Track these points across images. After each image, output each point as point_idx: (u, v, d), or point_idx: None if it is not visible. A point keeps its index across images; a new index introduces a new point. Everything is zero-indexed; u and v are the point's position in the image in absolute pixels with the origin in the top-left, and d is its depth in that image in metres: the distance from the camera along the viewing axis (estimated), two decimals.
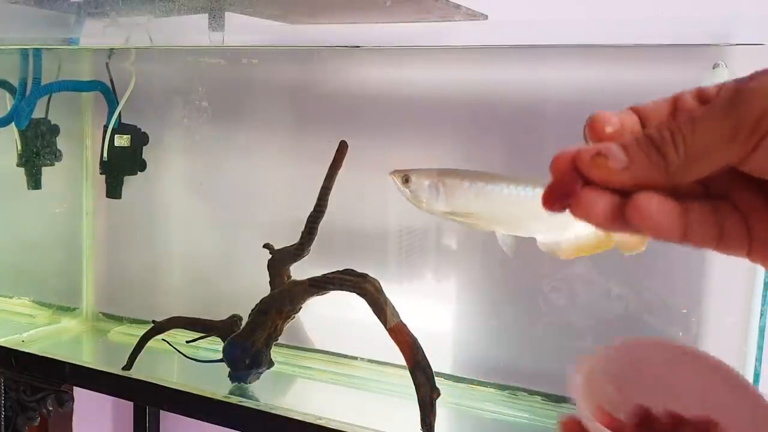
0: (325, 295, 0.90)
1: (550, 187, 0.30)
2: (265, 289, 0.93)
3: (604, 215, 0.29)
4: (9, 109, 1.13)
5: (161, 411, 1.34)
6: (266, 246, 0.92)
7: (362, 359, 1.04)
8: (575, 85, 0.90)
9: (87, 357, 1.17)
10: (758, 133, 0.26)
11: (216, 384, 0.94)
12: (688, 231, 0.29)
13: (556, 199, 0.30)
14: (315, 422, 0.85)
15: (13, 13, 1.05)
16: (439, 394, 0.82)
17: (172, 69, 1.17)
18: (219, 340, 0.96)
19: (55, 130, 1.19)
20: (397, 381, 0.97)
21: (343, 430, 0.84)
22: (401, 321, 0.83)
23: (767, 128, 0.26)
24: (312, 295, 0.91)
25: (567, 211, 0.30)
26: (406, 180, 0.78)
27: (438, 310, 1.01)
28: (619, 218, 0.28)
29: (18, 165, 1.17)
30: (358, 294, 0.85)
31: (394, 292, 0.88)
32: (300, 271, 0.93)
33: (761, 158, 0.26)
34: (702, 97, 0.31)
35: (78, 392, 1.11)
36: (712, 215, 0.29)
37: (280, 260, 0.92)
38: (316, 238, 0.90)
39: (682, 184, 0.28)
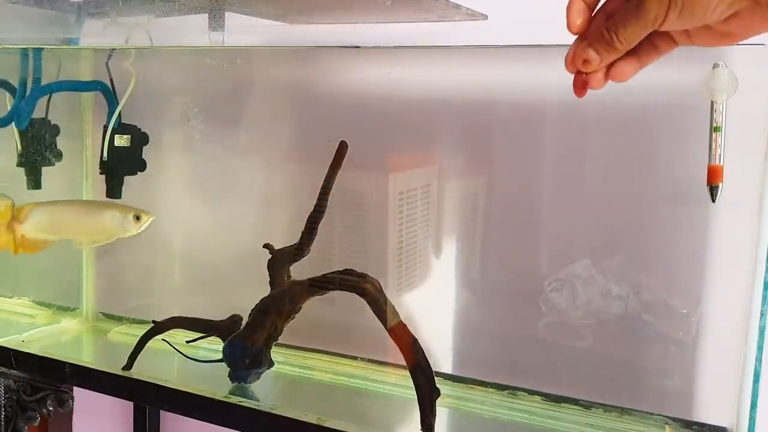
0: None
1: (574, 82, 0.55)
2: (265, 289, 0.93)
3: (603, 82, 0.54)
4: (9, 109, 1.13)
5: (161, 411, 1.34)
6: (266, 246, 0.93)
7: (362, 359, 1.04)
8: None
9: (87, 357, 1.17)
10: (657, 24, 0.48)
11: (216, 384, 0.94)
12: (642, 65, 0.54)
13: (580, 88, 0.55)
14: (315, 422, 0.85)
15: (13, 13, 1.05)
16: (439, 394, 0.81)
17: (172, 69, 1.17)
18: (219, 340, 0.96)
19: (55, 130, 1.19)
20: (397, 381, 0.97)
21: (343, 430, 0.84)
22: (401, 321, 0.83)
23: (660, 21, 0.48)
24: (312, 295, 0.91)
25: None
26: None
27: (438, 310, 1.01)
28: (607, 78, 0.54)
29: (18, 165, 1.17)
30: (358, 294, 0.85)
31: (393, 292, 0.88)
32: (300, 271, 0.93)
33: (661, 31, 0.50)
34: None
35: (78, 392, 1.11)
36: (647, 50, 0.53)
37: (280, 260, 0.92)
38: (315, 238, 0.90)
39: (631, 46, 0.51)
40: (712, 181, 0.77)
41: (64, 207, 1.12)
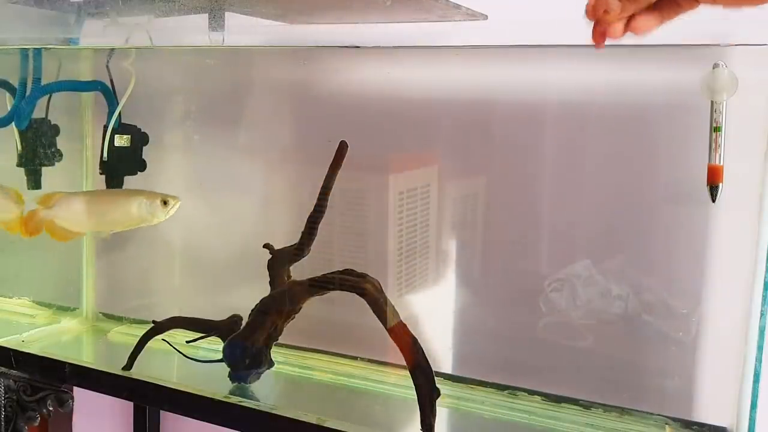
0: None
1: (594, 31, 0.54)
2: (265, 289, 0.93)
3: (621, 33, 0.53)
4: (9, 109, 1.13)
5: (161, 411, 1.34)
6: (266, 246, 0.93)
7: (362, 359, 1.04)
8: (575, 85, 0.90)
9: (87, 357, 1.17)
10: None
11: (216, 384, 0.94)
12: (662, 20, 0.54)
13: (599, 37, 0.54)
14: (315, 422, 0.85)
15: (13, 13, 1.05)
16: (439, 394, 0.81)
17: (172, 69, 1.17)
18: (219, 340, 0.96)
19: (55, 130, 1.19)
20: (397, 381, 0.97)
21: (343, 430, 0.84)
22: (401, 321, 0.83)
23: None
24: (312, 295, 0.91)
25: None
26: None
27: (438, 310, 1.01)
28: (626, 30, 0.54)
29: (18, 165, 1.17)
30: (358, 294, 0.85)
31: (393, 292, 0.88)
32: (300, 271, 0.93)
33: None
34: None
35: (78, 392, 1.11)
36: (669, 6, 0.54)
37: (280, 260, 0.92)
38: (315, 238, 0.90)
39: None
40: (712, 181, 0.77)
41: (91, 196, 1.12)
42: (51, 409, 1.10)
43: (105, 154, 1.12)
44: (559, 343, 0.93)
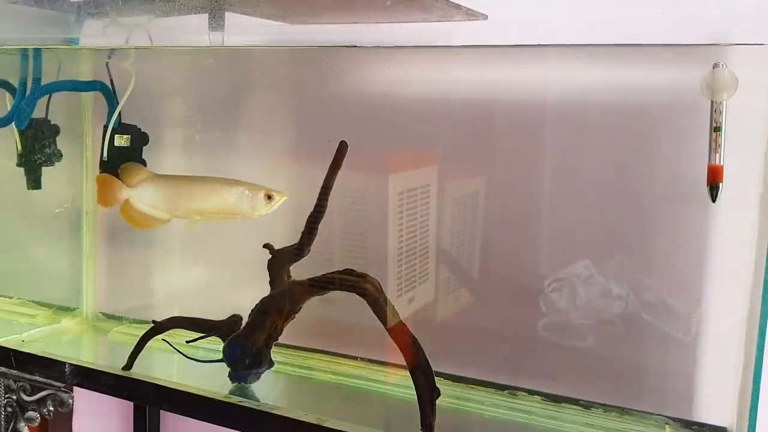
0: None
1: None
2: (265, 289, 0.93)
3: None
4: (9, 109, 1.13)
5: (161, 411, 1.34)
6: (266, 246, 0.93)
7: (362, 359, 1.04)
8: (575, 85, 0.90)
9: (87, 357, 1.17)
10: None
11: (216, 384, 0.94)
12: None
13: None
14: (315, 422, 0.85)
15: (13, 13, 1.05)
16: (439, 394, 0.82)
17: (172, 69, 1.17)
18: (219, 340, 0.96)
19: (55, 130, 1.19)
20: (397, 381, 0.97)
21: (343, 430, 0.84)
22: (401, 321, 0.83)
23: None
24: (312, 295, 0.91)
25: None
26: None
27: (437, 310, 1.01)
28: None
29: (18, 165, 1.17)
30: (358, 294, 0.85)
31: (393, 292, 0.88)
32: (300, 271, 0.93)
33: None
34: None
35: (78, 392, 1.11)
36: None
37: (280, 260, 0.92)
38: (315, 238, 0.91)
39: None
40: (712, 181, 0.77)
41: (182, 180, 1.01)
42: (51, 409, 1.10)
43: (105, 154, 1.12)
44: (559, 343, 0.93)
